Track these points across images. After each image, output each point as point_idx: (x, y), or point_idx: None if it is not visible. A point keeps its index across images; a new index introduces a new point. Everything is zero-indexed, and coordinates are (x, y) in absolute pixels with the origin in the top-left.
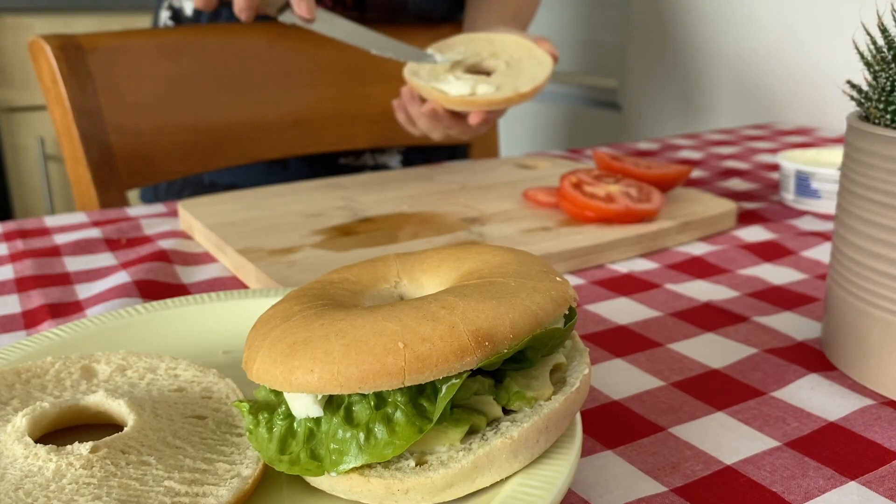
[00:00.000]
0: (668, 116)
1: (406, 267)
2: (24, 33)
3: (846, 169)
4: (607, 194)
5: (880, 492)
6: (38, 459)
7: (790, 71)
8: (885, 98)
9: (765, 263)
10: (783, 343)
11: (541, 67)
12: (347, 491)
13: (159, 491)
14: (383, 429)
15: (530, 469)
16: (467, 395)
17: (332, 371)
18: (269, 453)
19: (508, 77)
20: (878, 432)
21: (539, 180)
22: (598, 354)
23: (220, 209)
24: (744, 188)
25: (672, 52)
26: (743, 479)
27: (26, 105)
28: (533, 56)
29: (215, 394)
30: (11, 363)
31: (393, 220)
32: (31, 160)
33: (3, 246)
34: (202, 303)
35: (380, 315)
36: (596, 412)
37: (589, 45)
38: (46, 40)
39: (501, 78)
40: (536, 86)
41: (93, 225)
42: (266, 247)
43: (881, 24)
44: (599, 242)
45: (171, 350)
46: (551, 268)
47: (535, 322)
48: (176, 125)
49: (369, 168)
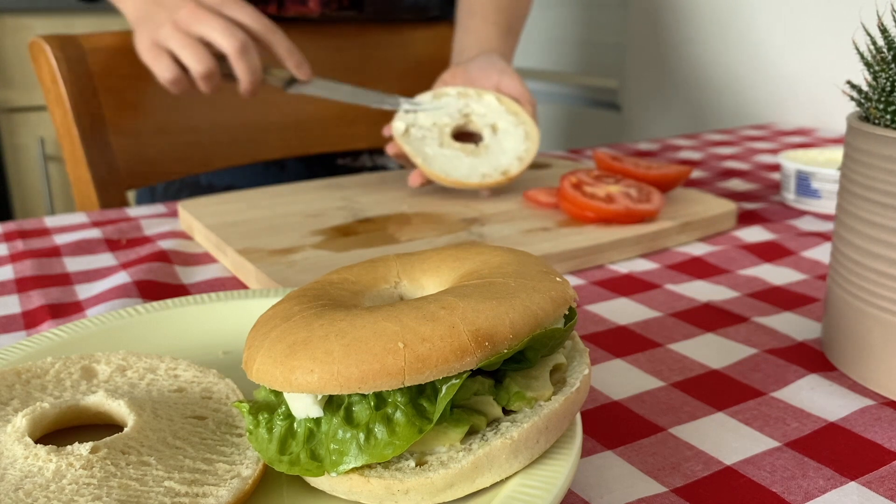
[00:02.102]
0: (668, 116)
1: (406, 267)
2: (24, 33)
3: (846, 169)
4: (607, 195)
5: (880, 492)
6: (39, 460)
7: (790, 71)
8: (885, 98)
9: (765, 264)
10: (783, 343)
11: (527, 141)
12: (347, 491)
13: (159, 491)
14: (383, 429)
15: (530, 469)
16: (467, 396)
17: (331, 371)
18: (269, 454)
19: (494, 151)
20: (878, 432)
21: (539, 181)
22: (598, 354)
23: (220, 209)
24: (744, 188)
25: (672, 53)
26: (743, 480)
27: (26, 105)
28: (521, 122)
29: (215, 394)
30: (11, 363)
31: (393, 221)
32: (31, 160)
33: (3, 246)
34: (202, 303)
35: (380, 315)
36: (596, 412)
37: (589, 46)
38: (46, 40)
39: (487, 152)
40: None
41: (93, 225)
42: (266, 247)
43: (881, 24)
44: (599, 243)
45: (171, 350)
46: (551, 268)
47: (535, 322)
48: (176, 125)
49: (367, 169)
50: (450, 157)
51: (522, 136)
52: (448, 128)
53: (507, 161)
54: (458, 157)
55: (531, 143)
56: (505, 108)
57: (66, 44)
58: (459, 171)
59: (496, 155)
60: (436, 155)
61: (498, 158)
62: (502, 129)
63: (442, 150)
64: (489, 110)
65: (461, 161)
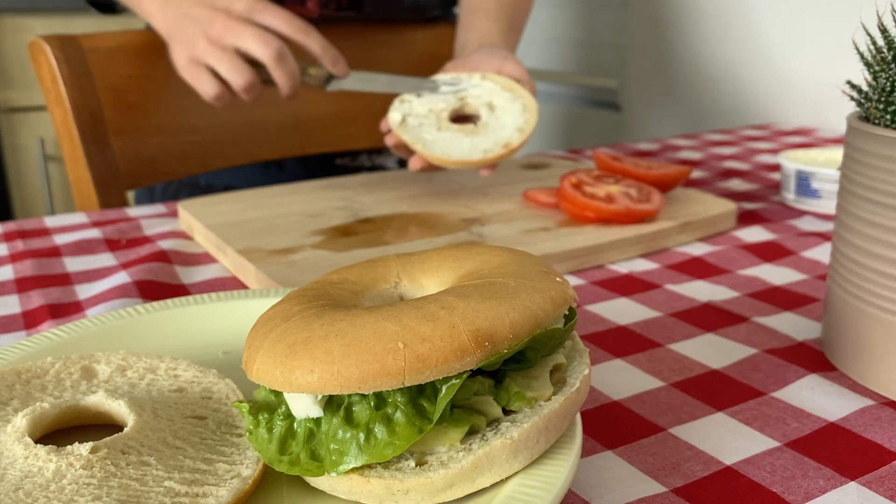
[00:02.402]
0: (668, 116)
1: (406, 267)
2: (24, 33)
3: (846, 169)
4: (607, 195)
5: (880, 492)
6: (39, 460)
7: (790, 71)
8: (885, 98)
9: (765, 264)
10: (783, 343)
11: (525, 113)
12: (347, 491)
13: (159, 491)
14: (383, 429)
15: (530, 469)
16: (467, 396)
17: (331, 371)
18: (269, 454)
19: (493, 127)
20: (878, 432)
21: (539, 181)
22: (598, 355)
23: (220, 209)
24: (744, 188)
25: (672, 53)
26: (743, 480)
27: (26, 105)
28: (517, 97)
29: (215, 394)
30: (11, 363)
31: (393, 221)
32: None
33: (3, 246)
34: (202, 303)
35: (380, 315)
36: (596, 412)
37: (589, 46)
38: (46, 40)
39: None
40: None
41: (93, 225)
42: (266, 247)
43: (881, 24)
44: (599, 243)
45: (171, 350)
46: (551, 268)
47: (535, 322)
48: (176, 125)
49: (366, 169)
50: (449, 140)
51: (520, 109)
52: (445, 112)
53: (507, 134)
54: (457, 139)
55: (530, 115)
56: (500, 86)
57: (66, 44)
58: (460, 150)
59: (496, 131)
60: (435, 139)
61: (498, 133)
62: (499, 106)
63: (441, 134)
64: (484, 91)
65: (461, 141)
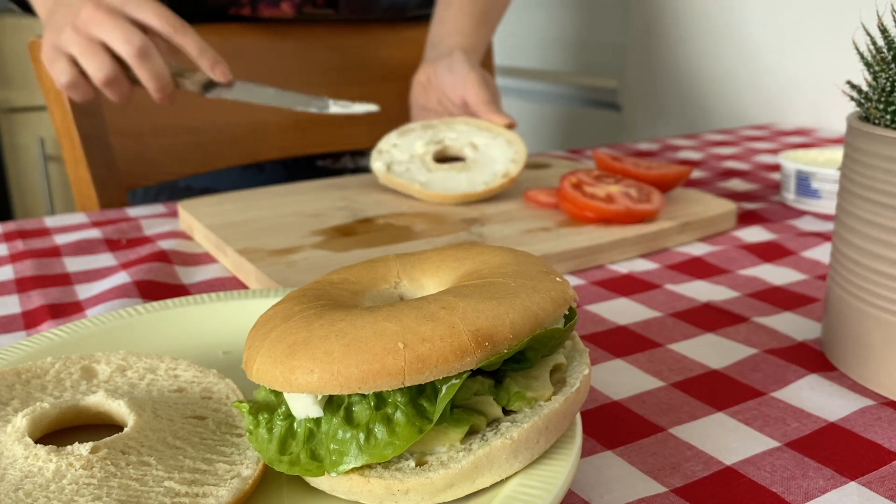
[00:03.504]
0: (668, 116)
1: (406, 267)
2: (24, 33)
3: (846, 169)
4: (607, 195)
5: (880, 492)
6: (39, 460)
7: (790, 71)
8: (885, 98)
9: (765, 264)
10: (783, 343)
11: (512, 145)
12: (347, 491)
13: (159, 491)
14: (383, 429)
15: (530, 469)
16: (467, 396)
17: (331, 371)
18: (269, 454)
19: (484, 161)
20: (878, 432)
21: (539, 181)
22: (598, 355)
23: (220, 210)
24: (744, 188)
25: (672, 53)
26: (743, 480)
27: (26, 105)
28: (497, 135)
29: (215, 394)
30: (11, 363)
31: (393, 221)
32: (31, 160)
33: (3, 246)
34: (202, 303)
35: (380, 315)
36: (596, 412)
37: (589, 46)
38: None
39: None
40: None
41: (93, 225)
42: (266, 247)
43: (881, 24)
44: (599, 243)
45: (171, 350)
46: (551, 268)
47: (535, 322)
48: (176, 126)
49: (349, 171)
50: (444, 179)
51: (505, 143)
52: (428, 155)
53: (501, 167)
54: (451, 177)
55: (518, 146)
56: (475, 126)
57: None
58: (460, 186)
59: (488, 164)
60: (430, 180)
61: (491, 166)
62: (481, 144)
63: (434, 175)
64: (460, 133)
65: (457, 178)
